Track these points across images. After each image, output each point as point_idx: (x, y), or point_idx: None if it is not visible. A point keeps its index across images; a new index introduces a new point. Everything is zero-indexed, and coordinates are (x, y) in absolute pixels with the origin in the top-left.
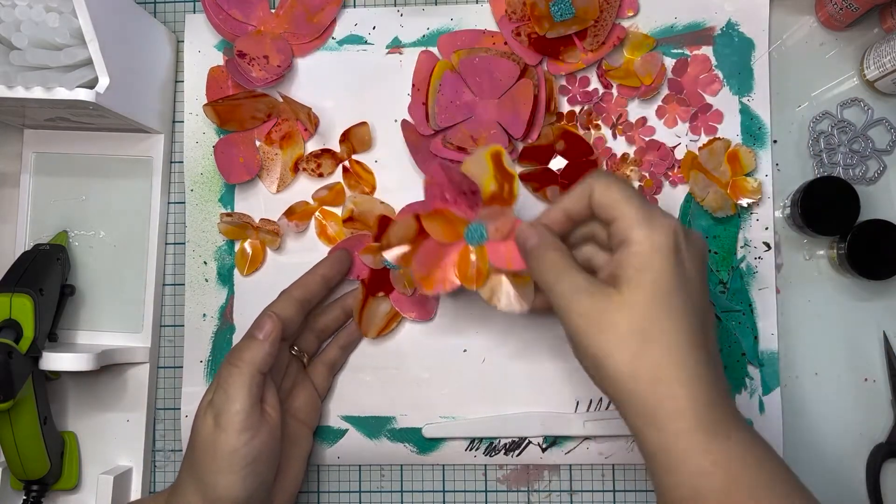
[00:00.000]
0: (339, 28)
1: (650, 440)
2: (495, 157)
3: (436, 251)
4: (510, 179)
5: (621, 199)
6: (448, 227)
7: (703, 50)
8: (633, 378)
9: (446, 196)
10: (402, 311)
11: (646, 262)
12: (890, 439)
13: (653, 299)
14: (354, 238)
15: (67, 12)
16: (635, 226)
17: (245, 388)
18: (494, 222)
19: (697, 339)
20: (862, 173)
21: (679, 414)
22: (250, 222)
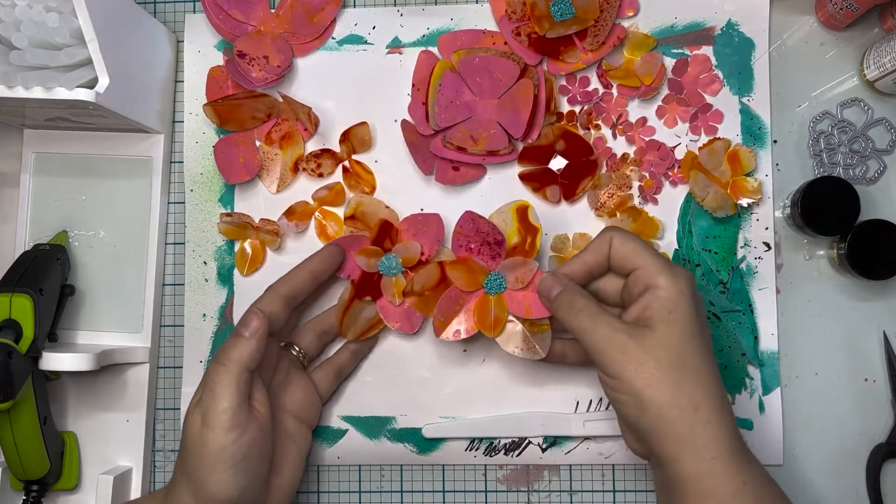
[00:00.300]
0: (339, 28)
1: (686, 466)
2: (521, 211)
3: (455, 299)
4: (534, 233)
5: (640, 250)
6: (470, 276)
7: (703, 50)
8: (676, 406)
9: (471, 246)
10: (387, 319)
11: (675, 304)
12: (890, 439)
13: (684, 336)
14: (352, 237)
15: (67, 12)
16: (658, 273)
17: (232, 387)
18: (515, 272)
19: (718, 372)
20: (862, 173)
21: (714, 440)
22: (250, 222)
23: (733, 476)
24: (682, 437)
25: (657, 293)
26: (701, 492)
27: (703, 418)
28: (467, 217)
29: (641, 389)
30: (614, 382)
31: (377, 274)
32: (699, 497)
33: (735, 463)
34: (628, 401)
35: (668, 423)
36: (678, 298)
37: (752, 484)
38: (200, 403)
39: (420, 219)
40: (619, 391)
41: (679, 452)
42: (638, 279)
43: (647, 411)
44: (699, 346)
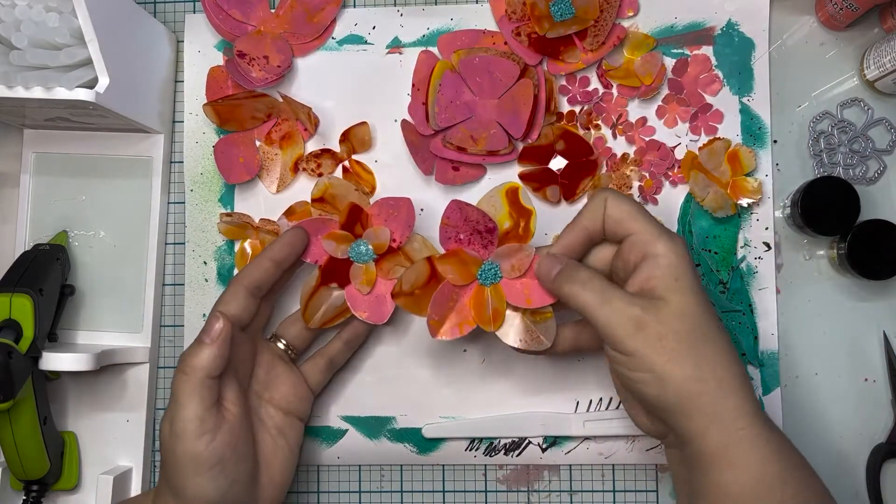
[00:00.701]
0: (339, 28)
1: (713, 439)
2: (511, 193)
3: (449, 294)
4: (527, 216)
5: (635, 213)
6: (462, 268)
7: (703, 50)
8: (700, 380)
9: (460, 237)
10: (355, 308)
11: (680, 270)
12: (890, 439)
13: (698, 305)
14: (319, 220)
15: (67, 12)
16: (656, 238)
17: (195, 395)
18: (510, 259)
19: (728, 334)
20: (862, 173)
21: (740, 411)
22: (250, 222)
23: (763, 444)
24: (707, 411)
25: (658, 261)
26: (729, 463)
27: (727, 390)
28: (454, 206)
29: (662, 365)
30: (631, 361)
31: (345, 260)
32: (729, 469)
33: (764, 431)
34: (647, 378)
35: (693, 399)
36: (681, 264)
37: (780, 453)
38: (168, 412)
39: (391, 203)
40: (636, 369)
41: (705, 428)
42: (633, 246)
43: (668, 388)
44: (712, 313)
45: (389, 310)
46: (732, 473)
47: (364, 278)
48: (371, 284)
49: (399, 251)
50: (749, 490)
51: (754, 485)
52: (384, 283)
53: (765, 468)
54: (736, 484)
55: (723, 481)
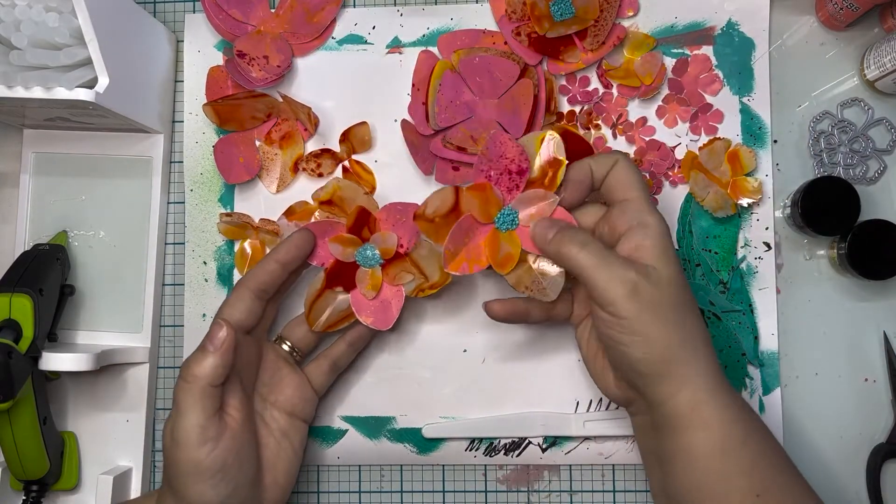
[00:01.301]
0: (338, 28)
1: (683, 400)
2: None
3: (467, 229)
4: (558, 166)
5: (637, 183)
6: (485, 206)
7: (703, 50)
8: (683, 346)
9: (490, 174)
10: (360, 313)
11: (667, 242)
12: (890, 439)
13: (681, 275)
14: (326, 223)
15: (67, 12)
16: (648, 211)
17: (197, 404)
18: (532, 207)
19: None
20: (862, 173)
21: (710, 372)
22: (250, 222)
23: (726, 406)
24: (682, 374)
25: (649, 231)
26: (699, 422)
27: (702, 354)
28: (496, 138)
29: (654, 331)
30: (622, 323)
31: (351, 264)
32: (696, 430)
33: (728, 395)
34: (636, 342)
35: (674, 364)
36: (667, 237)
37: (742, 413)
38: (169, 420)
39: (399, 208)
40: (626, 332)
41: (677, 389)
42: (625, 211)
43: (653, 351)
44: (688, 285)
45: (395, 316)
46: (700, 434)
47: (370, 283)
48: (377, 289)
49: (406, 257)
50: (715, 450)
51: (720, 444)
52: (390, 288)
53: (729, 428)
54: (703, 444)
55: (690, 442)
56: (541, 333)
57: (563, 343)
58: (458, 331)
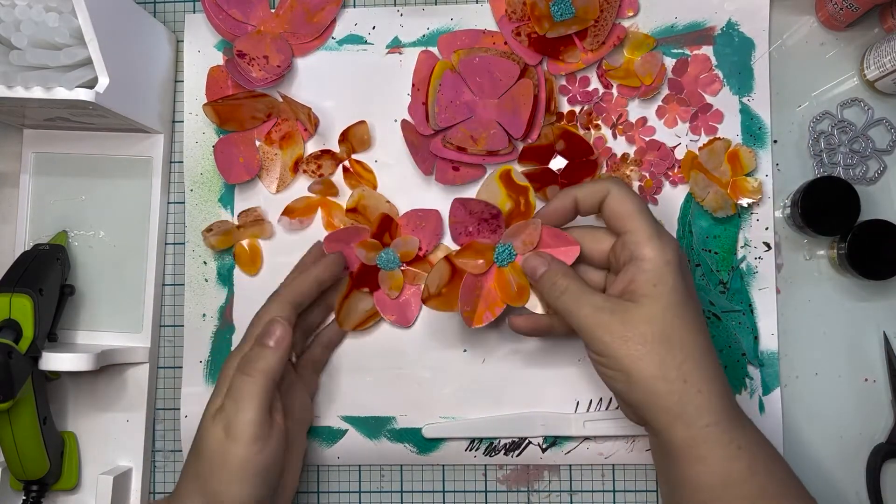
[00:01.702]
0: (338, 28)
1: (678, 435)
2: (504, 176)
3: (474, 285)
4: (525, 192)
5: (635, 213)
6: (479, 256)
7: (703, 50)
8: (664, 379)
9: (469, 230)
10: (383, 312)
11: (659, 276)
12: (890, 439)
13: (670, 309)
14: (353, 229)
15: (67, 12)
16: (646, 242)
17: (257, 399)
18: (521, 237)
19: (708, 340)
20: (862, 173)
21: (706, 408)
22: (231, 225)
23: (727, 442)
24: (671, 408)
25: (642, 266)
26: (695, 458)
27: (694, 389)
28: (457, 205)
29: (629, 365)
30: (602, 359)
31: (375, 267)
32: (693, 464)
33: (729, 429)
34: (618, 376)
35: (657, 396)
36: (664, 270)
37: (749, 448)
38: (223, 414)
39: (420, 214)
40: (608, 367)
41: (670, 423)
42: (626, 245)
43: (635, 386)
44: (686, 316)
45: (415, 313)
46: (700, 467)
47: (392, 284)
48: (399, 290)
49: (425, 259)
50: (718, 483)
51: (723, 478)
52: (411, 288)
53: (730, 464)
54: (704, 478)
55: (692, 474)
56: None
57: (564, 343)
58: (458, 331)
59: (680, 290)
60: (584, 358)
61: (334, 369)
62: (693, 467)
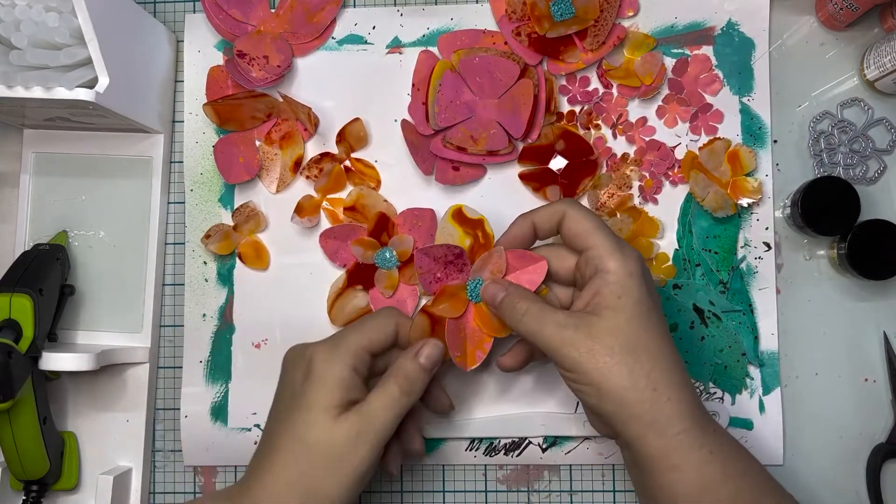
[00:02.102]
0: (339, 28)
1: (651, 444)
2: (457, 215)
3: (457, 328)
4: (480, 225)
5: (594, 230)
6: (454, 300)
7: (703, 50)
8: (634, 388)
9: (438, 276)
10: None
11: (623, 288)
12: (890, 439)
13: (634, 320)
14: (348, 226)
15: (67, 12)
16: (608, 256)
17: (398, 414)
18: (487, 268)
19: (674, 349)
20: (862, 173)
21: (677, 416)
22: (227, 227)
23: (699, 448)
24: (643, 417)
25: (606, 278)
26: (669, 467)
27: (664, 397)
28: (419, 255)
29: (598, 379)
30: (572, 375)
31: (371, 265)
32: (667, 472)
33: (700, 435)
34: (588, 390)
35: (628, 406)
36: (627, 282)
37: (720, 453)
38: (360, 418)
39: (416, 213)
40: (578, 382)
41: (643, 432)
42: (589, 261)
43: (606, 398)
44: (650, 326)
45: (409, 313)
46: (674, 475)
47: (387, 283)
48: (393, 289)
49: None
50: (693, 490)
51: (698, 484)
52: (405, 287)
53: (703, 469)
54: (680, 484)
55: (667, 482)
56: None
57: None
58: None
59: (644, 301)
60: None
61: None
62: (667, 475)
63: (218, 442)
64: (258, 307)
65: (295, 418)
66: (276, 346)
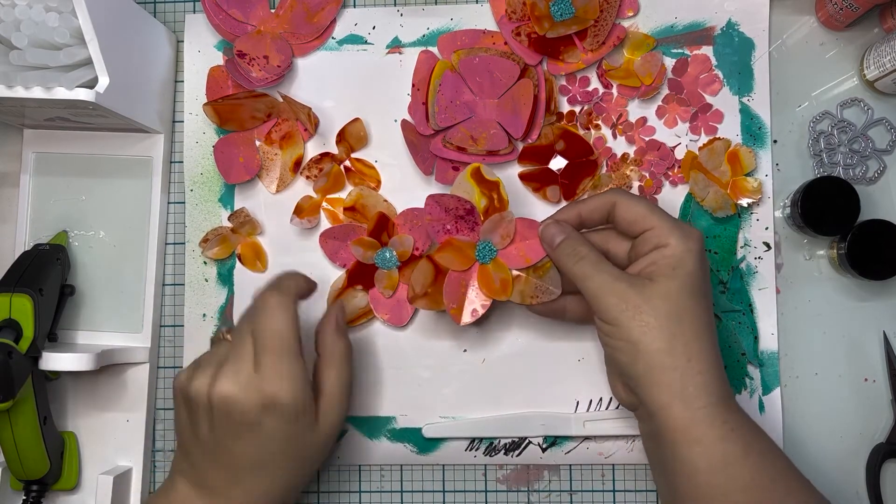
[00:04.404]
0: (339, 28)
1: (676, 415)
2: (475, 174)
3: (458, 281)
4: (496, 187)
5: (649, 213)
6: (460, 254)
7: (703, 50)
8: (670, 354)
9: (447, 227)
10: (377, 310)
11: (680, 261)
12: (890, 439)
13: (685, 290)
14: (348, 226)
15: (67, 12)
16: (668, 234)
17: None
18: (498, 231)
19: (714, 328)
20: (862, 173)
21: (705, 389)
22: (225, 230)
23: (721, 423)
24: (672, 385)
25: (664, 251)
26: (690, 439)
27: (695, 368)
28: (431, 202)
29: (637, 336)
30: (611, 329)
31: (371, 265)
32: (688, 444)
33: (723, 411)
34: (623, 347)
35: (660, 371)
36: (685, 256)
37: (740, 430)
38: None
39: (415, 213)
40: (615, 337)
41: (669, 401)
42: (647, 240)
43: (640, 358)
44: (699, 302)
45: (409, 313)
46: (696, 448)
47: (387, 283)
48: (394, 289)
49: (421, 258)
50: (714, 464)
51: (719, 459)
52: (406, 288)
53: (724, 445)
54: (701, 459)
55: (688, 456)
56: (541, 333)
57: (564, 343)
58: (458, 331)
59: (697, 275)
60: (584, 358)
61: None
62: (690, 448)
63: None
64: None
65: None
66: None
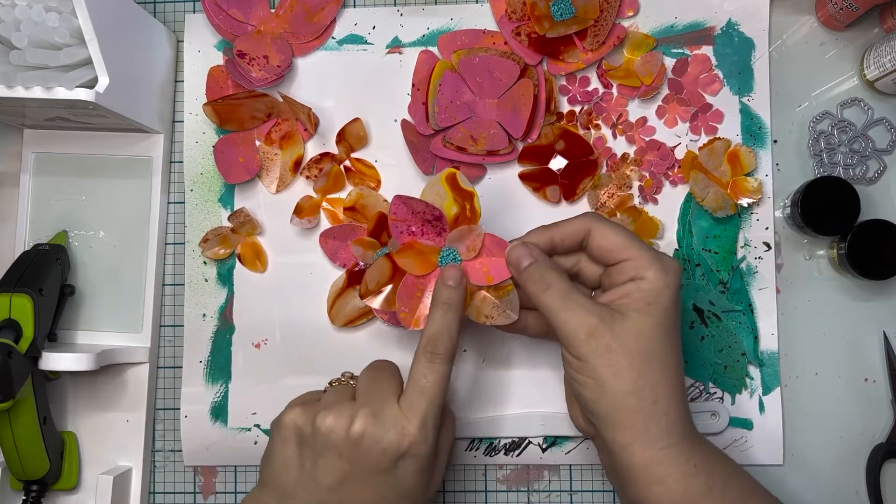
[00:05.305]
0: (338, 28)
1: (638, 455)
2: (450, 179)
3: (414, 286)
4: (470, 198)
5: (628, 244)
6: (421, 258)
7: (703, 50)
8: (637, 396)
9: (412, 229)
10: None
11: (657, 296)
12: (890, 439)
13: (658, 328)
14: (348, 226)
15: (67, 12)
16: (647, 267)
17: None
18: (464, 242)
19: (682, 365)
20: (862, 173)
21: (670, 429)
22: (224, 230)
23: (685, 461)
24: (635, 426)
25: (641, 284)
26: (651, 479)
27: (661, 410)
28: (398, 202)
29: (605, 376)
30: (578, 364)
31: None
32: (648, 485)
33: (687, 448)
34: (589, 384)
35: (625, 413)
36: (662, 291)
37: (704, 465)
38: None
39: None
40: (581, 372)
41: (631, 441)
42: (623, 270)
43: (604, 398)
44: (671, 340)
45: None
46: (658, 488)
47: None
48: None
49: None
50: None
51: (680, 497)
52: None
53: (687, 482)
54: (663, 497)
55: (650, 496)
56: None
57: None
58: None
59: (671, 312)
60: None
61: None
62: (650, 489)
63: (218, 442)
64: (258, 307)
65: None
66: (275, 346)
